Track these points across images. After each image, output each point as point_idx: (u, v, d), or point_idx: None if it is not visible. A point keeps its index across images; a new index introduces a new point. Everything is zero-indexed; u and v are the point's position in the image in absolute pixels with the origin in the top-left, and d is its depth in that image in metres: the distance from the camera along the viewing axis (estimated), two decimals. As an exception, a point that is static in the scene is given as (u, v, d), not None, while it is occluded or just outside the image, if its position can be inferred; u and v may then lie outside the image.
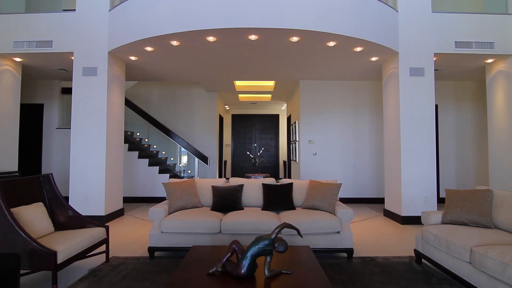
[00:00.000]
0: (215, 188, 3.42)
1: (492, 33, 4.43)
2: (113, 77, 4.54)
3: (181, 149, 7.20)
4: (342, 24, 3.74)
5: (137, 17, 3.93)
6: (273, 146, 10.90)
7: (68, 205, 2.87)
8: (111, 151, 4.50)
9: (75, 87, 4.38)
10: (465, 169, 6.12)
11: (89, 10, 4.39)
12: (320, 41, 3.93)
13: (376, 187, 6.11)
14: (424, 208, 4.35)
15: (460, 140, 6.16)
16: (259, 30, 3.61)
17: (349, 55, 4.50)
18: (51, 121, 6.17)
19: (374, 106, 6.18)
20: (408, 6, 4.42)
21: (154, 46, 4.12)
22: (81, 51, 4.38)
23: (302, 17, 3.59)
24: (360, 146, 6.16)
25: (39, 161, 6.12)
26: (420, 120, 4.41)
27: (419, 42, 4.41)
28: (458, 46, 4.40)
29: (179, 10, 3.67)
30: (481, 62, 4.80)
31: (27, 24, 4.42)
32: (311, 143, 6.17)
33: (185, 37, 3.79)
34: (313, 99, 6.21)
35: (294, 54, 4.44)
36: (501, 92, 4.58)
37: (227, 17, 3.55)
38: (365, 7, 3.93)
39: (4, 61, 4.57)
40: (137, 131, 7.04)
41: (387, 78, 4.82)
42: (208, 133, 7.43)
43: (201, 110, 7.45)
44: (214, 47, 4.15)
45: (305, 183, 3.53)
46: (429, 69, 4.42)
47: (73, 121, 4.36)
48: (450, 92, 6.22)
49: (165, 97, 7.40)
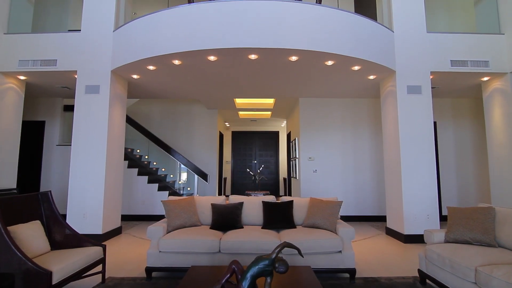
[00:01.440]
0: (215, 206, 3.39)
1: (487, 52, 4.54)
2: (115, 95, 4.61)
3: (181, 166, 7.19)
4: (340, 44, 3.84)
5: (141, 37, 4.04)
6: (273, 163, 10.88)
7: (66, 223, 2.83)
8: (111, 168, 4.49)
9: (77, 105, 4.43)
10: (466, 186, 6.08)
11: (94, 31, 4.51)
12: (318, 60, 4.02)
13: (378, 205, 6.05)
14: (427, 226, 4.29)
15: (460, 156, 6.16)
16: (259, 50, 3.70)
17: (347, 74, 4.59)
18: (52, 138, 6.20)
19: (373, 123, 6.23)
20: (403, 26, 4.55)
21: (156, 65, 4.21)
22: (84, 69, 4.47)
23: (300, 38, 3.70)
24: (360, 163, 6.16)
25: (38, 178, 6.09)
26: (419, 137, 4.43)
27: (415, 61, 4.51)
28: (454, 65, 4.50)
29: (181, 31, 3.78)
30: (477, 80, 4.89)
31: (33, 43, 4.54)
32: (311, 160, 6.16)
33: (187, 56, 3.88)
34: (313, 116, 6.26)
35: (293, 72, 4.53)
36: (498, 109, 4.64)
37: (227, 38, 3.65)
38: (362, 28, 4.05)
39: (8, 79, 4.66)
40: (137, 148, 7.05)
41: (385, 95, 4.89)
42: (208, 150, 7.44)
43: (202, 127, 7.50)
44: (215, 66, 4.24)
45: (305, 201, 3.50)
46: (426, 87, 4.50)
47: (74, 138, 4.38)
48: (448, 109, 6.28)
49: (166, 114, 7.47)
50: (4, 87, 4.59)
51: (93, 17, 4.54)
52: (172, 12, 3.88)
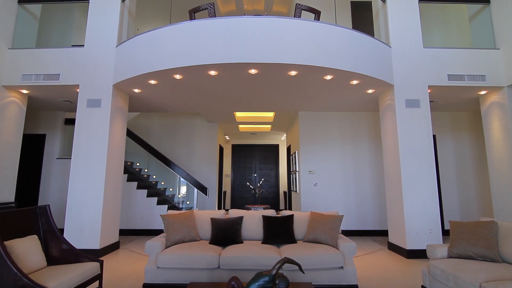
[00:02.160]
0: (214, 220, 3.35)
1: (483, 67, 4.61)
2: (116, 108, 4.65)
3: (181, 180, 7.16)
4: (338, 59, 3.91)
5: (143, 53, 4.12)
6: (273, 177, 10.84)
7: (63, 238, 2.79)
8: (110, 182, 4.47)
9: (78, 118, 4.46)
10: (468, 199, 6.04)
11: (97, 46, 4.60)
12: (317, 75, 4.08)
13: (379, 219, 5.98)
14: (429, 240, 4.23)
15: (461, 170, 6.14)
16: (259, 65, 3.77)
17: (346, 88, 4.65)
18: (52, 151, 6.20)
19: (372, 137, 6.25)
20: (400, 42, 4.65)
21: (157, 80, 4.26)
22: (86, 83, 4.52)
23: (300, 53, 3.76)
24: (360, 176, 6.13)
25: (36, 191, 6.05)
26: (419, 150, 4.44)
27: (413, 75, 4.58)
28: (451, 79, 4.56)
29: (182, 46, 3.86)
30: (474, 94, 4.94)
31: (36, 58, 4.62)
32: (311, 173, 6.14)
33: (188, 71, 3.94)
34: (312, 129, 6.29)
35: (293, 86, 4.59)
36: (497, 122, 4.66)
37: (228, 53, 3.71)
38: (360, 43, 4.13)
39: (11, 93, 4.71)
40: (137, 161, 7.04)
41: (383, 109, 4.93)
42: (208, 164, 7.43)
43: (202, 141, 7.52)
44: (215, 80, 4.29)
45: (306, 215, 3.47)
46: (424, 101, 4.54)
47: (74, 151, 4.38)
48: (447, 123, 6.32)
49: (166, 128, 7.51)
50: (6, 101, 4.63)
51: (96, 33, 4.64)
52: (174, 28, 3.97)
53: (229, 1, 7.08)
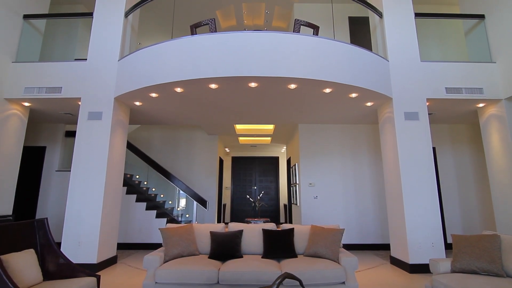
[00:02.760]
0: (214, 234, 3.31)
1: (480, 80, 4.67)
2: (117, 121, 4.67)
3: (180, 192, 7.12)
4: (337, 72, 3.96)
5: (145, 66, 4.18)
6: (273, 189, 10.77)
7: (60, 252, 2.75)
8: (109, 195, 4.44)
9: (79, 131, 4.48)
10: (470, 212, 5.98)
11: (99, 60, 4.67)
12: (316, 88, 4.13)
13: (381, 232, 5.91)
14: (432, 254, 4.16)
15: (462, 182, 6.12)
16: (259, 78, 3.82)
17: (345, 101, 4.69)
18: (51, 163, 6.19)
19: (372, 149, 6.25)
20: (397, 56, 4.72)
21: (158, 93, 4.31)
22: (88, 96, 4.56)
23: (299, 67, 3.82)
24: (361, 189, 6.10)
25: (34, 204, 6.00)
26: (419, 163, 4.43)
27: (411, 88, 4.63)
28: (449, 92, 4.61)
29: (184, 60, 3.92)
30: (472, 107, 4.98)
31: (39, 71, 4.68)
32: (312, 186, 6.11)
33: (189, 84, 3.99)
34: (312, 142, 6.30)
35: (292, 99, 4.63)
36: (496, 135, 4.68)
37: (228, 67, 3.77)
38: (358, 57, 4.20)
39: (13, 106, 4.74)
40: (136, 173, 7.02)
41: (383, 122, 4.96)
42: (208, 176, 7.40)
43: (202, 153, 7.52)
44: (216, 93, 4.34)
45: (306, 229, 3.43)
46: (423, 113, 4.57)
47: (74, 163, 4.37)
48: (447, 135, 6.34)
49: (167, 140, 7.52)
50: (8, 113, 4.66)
51: (99, 47, 4.73)
52: (176, 43, 4.05)
53: (230, 16, 7.25)
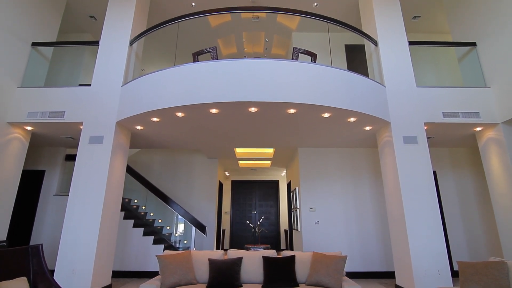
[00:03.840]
0: (212, 261, 3.21)
1: (476, 104, 4.75)
2: (118, 145, 4.69)
3: (178, 217, 6.98)
4: (335, 97, 4.05)
5: (147, 92, 4.27)
6: (274, 214, 10.59)
7: (53, 280, 2.66)
8: (106, 220, 4.36)
9: (79, 155, 4.48)
10: (475, 237, 5.84)
11: (103, 85, 4.78)
12: (315, 112, 4.20)
13: (385, 259, 5.72)
14: (439, 283, 4.01)
15: (464, 206, 6.03)
16: (259, 104, 3.89)
17: (343, 125, 4.75)
18: (49, 187, 6.13)
19: (372, 173, 6.23)
20: (393, 81, 4.84)
21: (160, 117, 4.37)
22: (90, 121, 4.61)
23: (298, 92, 3.91)
24: (363, 214, 6.00)
25: (30, 229, 5.87)
26: (420, 187, 4.39)
27: (409, 112, 4.69)
28: (446, 116, 4.68)
29: (185, 86, 4.01)
30: (470, 130, 5.03)
31: (43, 96, 4.77)
32: (312, 210, 6.01)
33: (190, 109, 4.06)
34: (312, 166, 6.29)
35: (292, 123, 4.69)
36: (496, 158, 4.68)
37: (229, 92, 3.86)
38: (355, 83, 4.31)
39: (15, 129, 4.79)
40: (135, 197, 6.93)
41: (382, 146, 4.98)
42: (207, 200, 7.30)
43: (201, 177, 7.47)
44: (216, 118, 4.40)
45: (308, 256, 3.33)
46: (422, 137, 4.60)
47: (73, 187, 4.33)
48: (447, 159, 6.34)
49: (166, 164, 7.51)
50: (10, 137, 4.70)
51: (104, 73, 4.85)
52: (178, 69, 4.17)
53: (231, 44, 7.53)
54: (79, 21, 6.59)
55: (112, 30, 5.12)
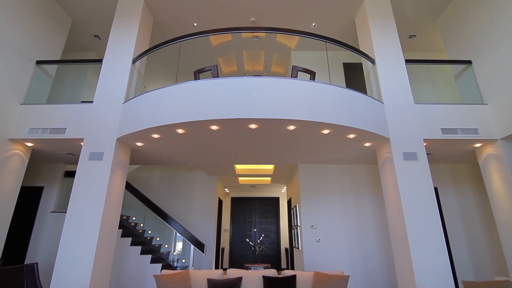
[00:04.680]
0: (211, 281, 3.13)
1: (475, 120, 4.77)
2: (118, 162, 4.69)
3: (177, 235, 6.87)
4: (334, 114, 4.09)
5: (148, 108, 4.31)
6: (274, 231, 10.42)
7: (47, 301, 2.58)
8: (104, 238, 4.27)
9: (79, 171, 4.46)
10: (480, 254, 5.71)
11: (105, 103, 4.82)
12: (315, 129, 4.22)
13: (388, 278, 5.58)
14: (445, 304, 3.88)
15: (468, 223, 5.94)
16: (259, 120, 3.92)
17: (343, 141, 4.76)
18: (47, 204, 6.06)
19: (373, 189, 6.18)
20: (391, 98, 4.88)
21: (160, 134, 4.39)
22: (91, 137, 4.62)
23: (297, 109, 3.96)
24: (364, 231, 5.90)
25: (25, 246, 5.75)
26: (422, 203, 4.34)
27: (408, 129, 4.71)
28: (445, 133, 4.70)
29: (186, 103, 4.06)
30: (470, 147, 5.04)
31: (45, 113, 4.80)
32: (313, 228, 5.92)
33: (190, 126, 4.09)
34: (313, 182, 6.25)
35: (292, 140, 4.71)
36: (497, 175, 4.66)
37: (229, 109, 3.90)
38: (354, 100, 4.36)
39: (16, 146, 4.79)
40: (133, 215, 6.85)
41: (382, 162, 4.97)
42: (206, 218, 7.21)
43: (201, 194, 7.42)
44: (216, 134, 4.42)
45: (309, 275, 3.26)
46: (422, 154, 4.60)
47: (71, 204, 4.27)
48: (448, 175, 6.32)
49: (166, 180, 7.47)
50: (10, 153, 4.69)
51: (106, 90, 4.91)
52: (179, 87, 4.23)
53: (231, 62, 7.69)
54: (83, 40, 6.76)
55: (116, 49, 5.24)
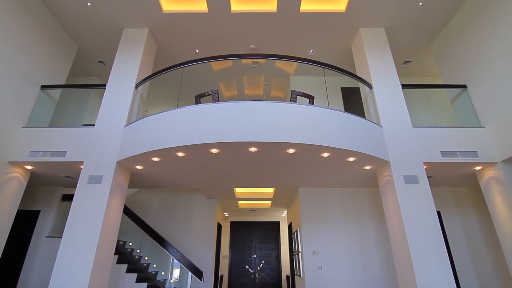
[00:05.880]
0: (210, 309, 2.99)
1: (473, 143, 4.78)
2: (117, 185, 4.64)
3: (174, 261, 6.64)
4: (334, 138, 4.12)
5: (149, 132, 4.35)
6: (274, 258, 10.10)
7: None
8: (99, 265, 4.12)
9: (77, 194, 4.40)
10: (487, 279, 5.50)
11: (107, 126, 4.86)
12: (314, 152, 4.24)
13: (394, 308, 5.33)
14: (455, 336, 3.68)
15: (473, 247, 5.78)
16: (259, 144, 3.95)
17: (343, 165, 4.76)
18: (43, 228, 5.93)
19: (375, 213, 6.08)
20: (389, 122, 4.93)
21: (161, 157, 4.40)
22: (91, 160, 4.61)
23: (297, 133, 3.99)
24: (367, 256, 5.73)
25: (18, 272, 5.55)
26: (425, 227, 4.25)
27: (407, 152, 4.72)
28: (445, 156, 4.70)
29: (187, 127, 4.10)
30: (471, 169, 5.02)
31: (47, 136, 4.81)
32: (315, 254, 5.75)
33: (191, 149, 4.10)
34: (314, 206, 6.16)
35: (292, 163, 4.70)
36: (499, 198, 4.60)
37: (230, 133, 3.93)
38: (352, 123, 4.41)
39: (15, 169, 4.77)
40: (130, 240, 6.67)
41: (383, 185, 4.93)
42: (205, 243, 7.03)
43: (200, 218, 7.28)
44: (217, 158, 4.42)
45: (311, 303, 3.11)
46: (422, 177, 4.57)
47: (67, 229, 4.17)
48: (450, 199, 6.24)
49: (164, 204, 7.37)
50: (9, 177, 4.66)
51: (108, 114, 4.97)
52: (180, 111, 4.29)
53: (232, 87, 7.86)
54: (88, 66, 6.96)
55: (119, 74, 5.38)
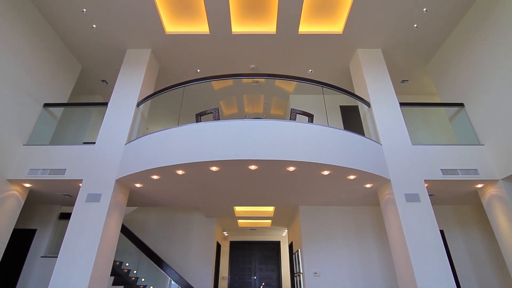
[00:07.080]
0: (208, 334, 2.87)
1: (474, 161, 4.76)
2: (115, 203, 4.58)
3: (171, 283, 6.45)
4: (333, 156, 4.12)
5: (149, 150, 4.36)
6: (275, 279, 9.81)
7: None
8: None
9: (74, 213, 4.33)
10: (497, 306, 5.32)
11: (107, 144, 4.86)
12: (315, 170, 4.22)
13: (399, 333, 5.11)
14: None
15: (478, 267, 5.62)
16: (259, 162, 3.94)
17: (344, 183, 4.73)
18: (38, 248, 5.80)
19: (377, 232, 5.97)
20: (389, 140, 4.95)
21: (160, 175, 4.38)
22: (90, 178, 4.58)
23: (297, 151, 4.00)
24: (370, 276, 5.56)
25: (9, 297, 5.38)
26: (428, 246, 4.15)
27: (407, 170, 4.69)
28: (445, 173, 4.67)
29: (187, 145, 4.12)
30: (472, 187, 4.97)
31: (46, 154, 4.80)
32: (317, 275, 5.59)
33: (190, 167, 4.09)
34: (315, 225, 6.05)
35: (292, 181, 4.67)
36: (502, 216, 4.53)
37: (230, 151, 3.94)
38: (352, 141, 4.43)
39: (13, 186, 4.72)
40: (127, 260, 6.51)
41: (384, 203, 4.87)
42: (203, 264, 6.85)
43: (199, 237, 7.14)
44: (216, 176, 4.41)
45: (313, 328, 2.99)
46: (424, 195, 4.52)
47: (63, 248, 4.06)
48: (452, 217, 6.15)
49: (163, 223, 7.25)
50: (7, 194, 4.60)
51: (109, 132, 4.98)
52: (181, 129, 4.32)
53: (232, 105, 7.96)
54: (91, 84, 7.07)
55: (122, 93, 5.45)
